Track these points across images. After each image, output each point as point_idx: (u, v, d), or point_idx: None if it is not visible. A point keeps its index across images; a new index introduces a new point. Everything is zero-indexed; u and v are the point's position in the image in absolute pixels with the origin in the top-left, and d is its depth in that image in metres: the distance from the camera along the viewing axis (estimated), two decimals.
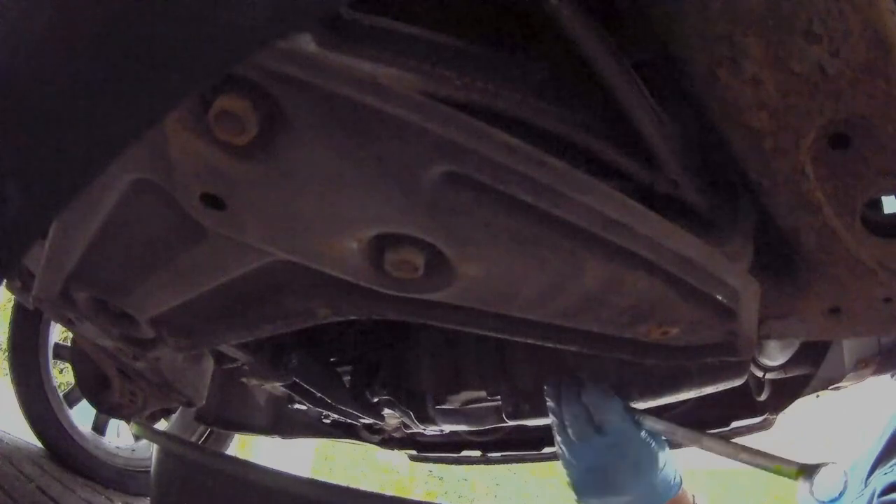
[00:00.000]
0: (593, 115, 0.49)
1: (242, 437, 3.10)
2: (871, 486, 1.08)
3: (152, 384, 1.07)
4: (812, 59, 0.42)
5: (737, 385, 0.95)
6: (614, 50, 0.45)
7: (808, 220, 0.53)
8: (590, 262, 0.50)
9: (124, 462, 2.17)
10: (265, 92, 0.40)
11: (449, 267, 0.51)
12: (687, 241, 0.50)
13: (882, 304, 0.60)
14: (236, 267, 0.61)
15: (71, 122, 0.28)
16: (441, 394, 1.19)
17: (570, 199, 0.44)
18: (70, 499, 1.79)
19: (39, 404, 2.03)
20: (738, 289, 0.55)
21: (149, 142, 0.47)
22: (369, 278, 0.54)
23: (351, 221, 0.48)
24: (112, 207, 0.59)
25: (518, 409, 1.12)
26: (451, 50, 0.45)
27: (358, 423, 1.49)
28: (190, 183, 0.48)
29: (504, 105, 0.46)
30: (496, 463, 1.52)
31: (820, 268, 0.57)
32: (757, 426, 1.14)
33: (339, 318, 0.66)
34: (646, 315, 0.57)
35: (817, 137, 0.47)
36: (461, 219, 0.46)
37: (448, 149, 0.41)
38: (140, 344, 0.82)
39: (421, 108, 0.40)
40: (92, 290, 0.73)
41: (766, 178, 0.51)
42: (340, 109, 0.40)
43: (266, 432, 1.66)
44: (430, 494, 5.05)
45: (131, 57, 0.27)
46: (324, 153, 0.43)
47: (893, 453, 1.11)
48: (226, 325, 0.73)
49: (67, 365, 2.21)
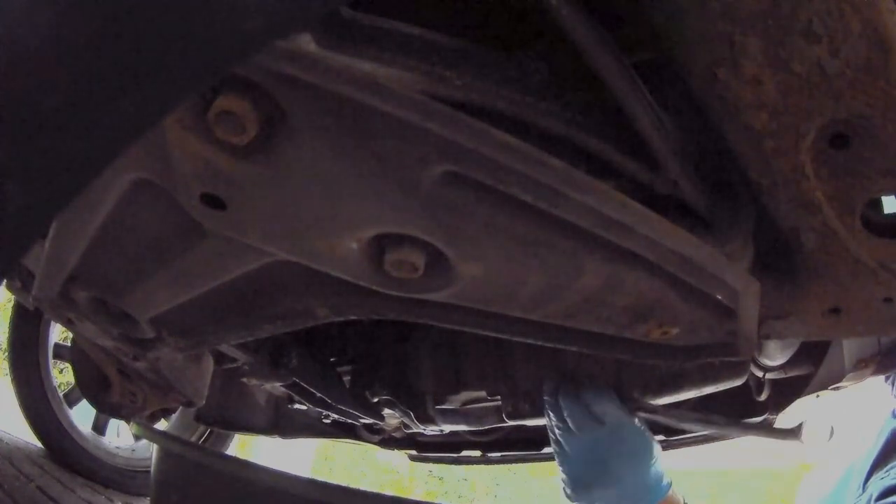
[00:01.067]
0: (593, 115, 0.49)
1: (242, 437, 3.10)
2: (869, 490, 1.08)
3: (152, 384, 1.07)
4: (812, 59, 0.42)
5: (737, 385, 0.95)
6: (614, 50, 0.45)
7: (808, 220, 0.53)
8: (590, 262, 0.50)
9: (124, 462, 2.17)
10: (265, 92, 0.40)
11: (449, 267, 0.51)
12: (687, 241, 0.50)
13: (882, 304, 0.60)
14: (236, 267, 0.61)
15: (71, 122, 0.28)
16: (441, 394, 1.19)
17: (570, 199, 0.44)
18: (70, 499, 1.79)
19: (39, 404, 2.03)
20: (738, 289, 0.55)
21: (149, 142, 0.47)
22: (369, 278, 0.54)
23: (351, 221, 0.48)
24: (112, 207, 0.59)
25: (518, 409, 1.12)
26: (451, 50, 0.45)
27: (358, 423, 1.49)
28: (190, 183, 0.48)
29: (504, 105, 0.46)
30: (496, 463, 1.52)
31: (820, 268, 0.57)
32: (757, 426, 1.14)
33: (339, 318, 0.66)
34: (646, 315, 0.57)
35: (817, 137, 0.47)
36: (461, 219, 0.46)
37: (448, 149, 0.41)
38: (140, 344, 0.82)
39: (421, 107, 0.40)
40: (92, 290, 0.73)
41: (766, 178, 0.51)
42: (340, 109, 0.40)
43: (266, 432, 1.66)
44: (430, 494, 5.05)
45: (131, 57, 0.27)
46: (324, 153, 0.43)
47: (890, 457, 1.11)
48: (226, 325, 0.73)
49: (67, 365, 2.21)
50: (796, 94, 0.44)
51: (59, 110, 0.27)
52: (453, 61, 0.45)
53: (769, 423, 1.12)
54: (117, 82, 0.27)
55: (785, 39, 0.41)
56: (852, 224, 0.53)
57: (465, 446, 1.51)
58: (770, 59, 0.42)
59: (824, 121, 0.45)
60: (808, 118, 0.45)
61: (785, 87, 0.44)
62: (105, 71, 0.27)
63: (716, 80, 0.45)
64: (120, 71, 0.27)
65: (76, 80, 0.27)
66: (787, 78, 0.43)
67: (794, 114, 0.45)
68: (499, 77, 0.46)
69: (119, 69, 0.27)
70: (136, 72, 0.27)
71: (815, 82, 0.43)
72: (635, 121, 0.48)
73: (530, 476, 5.74)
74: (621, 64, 0.45)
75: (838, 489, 1.31)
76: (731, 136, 0.49)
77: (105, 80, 0.27)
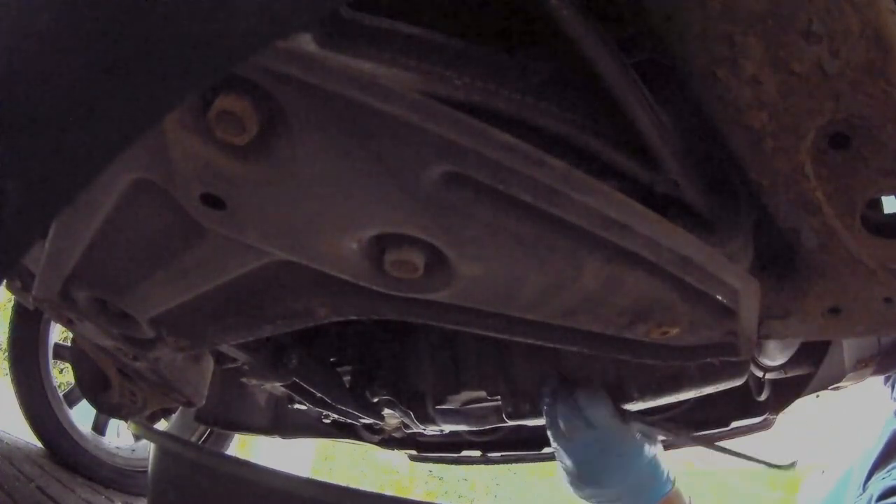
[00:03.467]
0: (593, 115, 0.49)
1: (242, 437, 3.10)
2: (869, 491, 1.08)
3: (152, 384, 1.07)
4: (812, 59, 0.42)
5: (737, 385, 0.96)
6: (614, 50, 0.45)
7: (808, 220, 0.53)
8: (590, 262, 0.50)
9: (124, 462, 2.17)
10: (265, 92, 0.40)
11: (449, 267, 0.51)
12: (687, 241, 0.50)
13: (882, 304, 0.60)
14: (236, 267, 0.61)
15: (71, 122, 0.28)
16: (441, 394, 1.19)
17: (570, 199, 0.44)
18: (70, 499, 1.79)
19: (39, 404, 2.03)
20: (738, 289, 0.55)
21: (149, 142, 0.47)
22: (369, 278, 0.54)
23: (351, 221, 0.48)
24: (112, 207, 0.59)
25: (518, 409, 1.12)
26: (451, 50, 0.45)
27: (358, 423, 1.48)
28: (190, 183, 0.48)
29: (504, 105, 0.46)
30: (496, 463, 1.52)
31: (820, 268, 0.57)
32: (757, 426, 1.14)
33: (339, 318, 0.66)
34: (646, 315, 0.57)
35: (817, 137, 0.47)
36: (461, 219, 0.46)
37: (448, 149, 0.41)
38: (140, 344, 0.82)
39: (421, 108, 0.40)
40: (92, 290, 0.72)
41: (766, 178, 0.51)
42: (340, 109, 0.40)
43: (266, 432, 1.66)
44: (430, 494, 5.05)
45: (131, 57, 0.27)
46: (324, 153, 0.43)
47: (891, 458, 1.11)
48: (226, 325, 0.73)
49: (67, 365, 2.21)
50: (796, 94, 0.44)
51: (59, 110, 0.27)
52: (453, 61, 0.45)
53: (769, 422, 1.13)
54: (117, 82, 0.27)
55: (785, 39, 0.41)
56: (852, 224, 0.53)
57: (465, 446, 1.50)
58: (770, 59, 0.42)
59: (824, 121, 0.45)
60: (808, 118, 0.45)
61: (785, 87, 0.44)
62: (105, 71, 0.27)
63: (716, 80, 0.45)
64: (120, 71, 0.27)
65: (76, 80, 0.27)
66: (787, 78, 0.43)
67: (794, 114, 0.45)
68: (499, 77, 0.46)
69: (119, 69, 0.27)
70: (136, 72, 0.27)
71: (815, 82, 0.43)
72: (635, 121, 0.48)
73: (530, 476, 5.74)
74: (621, 64, 0.45)
75: (838, 489, 1.31)
76: (730, 136, 0.49)
77: (105, 81, 0.27)
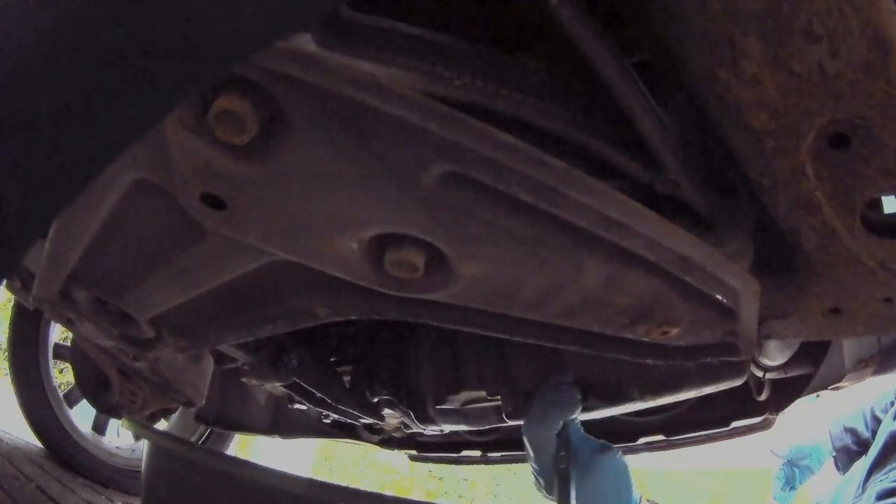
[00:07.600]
0: (593, 115, 0.49)
1: (242, 437, 3.10)
2: (868, 492, 1.09)
3: (152, 384, 1.07)
4: (812, 59, 0.42)
5: (737, 385, 0.95)
6: (614, 50, 0.45)
7: (808, 220, 0.53)
8: (590, 262, 0.50)
9: (124, 462, 2.17)
10: (265, 92, 0.40)
11: (449, 267, 0.51)
12: (687, 241, 0.50)
13: (882, 304, 0.60)
14: (236, 267, 0.61)
15: (71, 122, 0.28)
16: (441, 394, 1.19)
17: (570, 199, 0.44)
18: (70, 499, 1.79)
19: (39, 404, 2.03)
20: (738, 289, 0.55)
21: (149, 142, 0.47)
22: (369, 278, 0.54)
23: (351, 221, 0.48)
24: (112, 207, 0.59)
25: (518, 409, 1.12)
26: (451, 50, 0.45)
27: (358, 423, 1.48)
28: (190, 183, 0.48)
29: (504, 105, 0.46)
30: (496, 463, 1.52)
31: (820, 268, 0.57)
32: (757, 426, 1.15)
33: (339, 318, 0.66)
34: (646, 315, 0.57)
35: (817, 137, 0.47)
36: (461, 219, 0.46)
37: (448, 149, 0.41)
38: (140, 344, 0.82)
39: (421, 107, 0.40)
40: (92, 290, 0.72)
41: (767, 178, 0.51)
42: (340, 109, 0.40)
43: (266, 432, 1.66)
44: (430, 494, 5.05)
45: (131, 57, 0.27)
46: (324, 153, 0.43)
47: (889, 459, 1.11)
48: (226, 325, 0.73)
49: (67, 365, 2.21)
50: (796, 94, 0.44)
51: (59, 110, 0.27)
52: (453, 61, 0.44)
53: (769, 422, 1.13)
54: (117, 82, 0.27)
55: (785, 39, 0.41)
56: (852, 224, 0.53)
57: (466, 446, 1.51)
58: (770, 59, 0.42)
59: (824, 121, 0.45)
60: (808, 118, 0.45)
61: (785, 87, 0.44)
62: (105, 71, 0.27)
63: (716, 80, 0.45)
64: (120, 71, 0.27)
65: (76, 80, 0.27)
66: (787, 78, 0.43)
67: (794, 114, 0.45)
68: (499, 77, 0.46)
69: (119, 69, 0.27)
70: (136, 72, 0.27)
71: (815, 82, 0.43)
72: (635, 121, 0.48)
73: (530, 476, 5.73)
74: (621, 64, 0.45)
75: (838, 490, 1.31)
76: (730, 135, 0.49)
77: (105, 81, 0.27)
